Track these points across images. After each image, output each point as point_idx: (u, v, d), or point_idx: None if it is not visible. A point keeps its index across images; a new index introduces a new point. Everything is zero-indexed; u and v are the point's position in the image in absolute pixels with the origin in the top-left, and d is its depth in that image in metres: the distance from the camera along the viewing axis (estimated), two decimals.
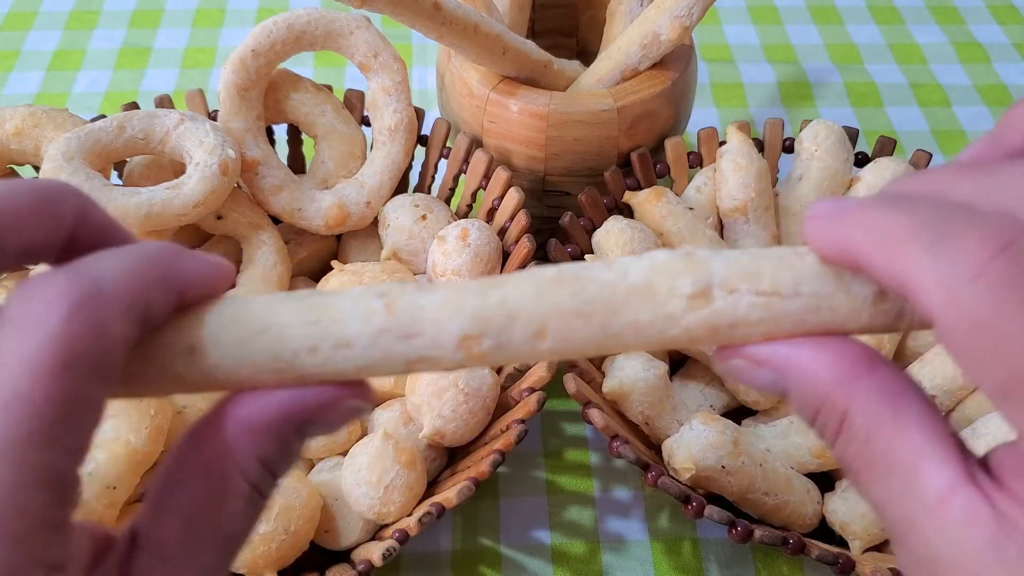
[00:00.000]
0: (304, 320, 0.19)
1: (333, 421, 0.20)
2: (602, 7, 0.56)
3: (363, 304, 0.19)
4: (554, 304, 0.19)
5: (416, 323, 0.19)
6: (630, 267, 0.19)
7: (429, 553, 0.45)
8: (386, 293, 0.19)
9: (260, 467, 0.19)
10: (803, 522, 0.42)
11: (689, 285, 0.19)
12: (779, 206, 0.52)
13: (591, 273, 0.19)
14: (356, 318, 0.19)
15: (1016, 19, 0.80)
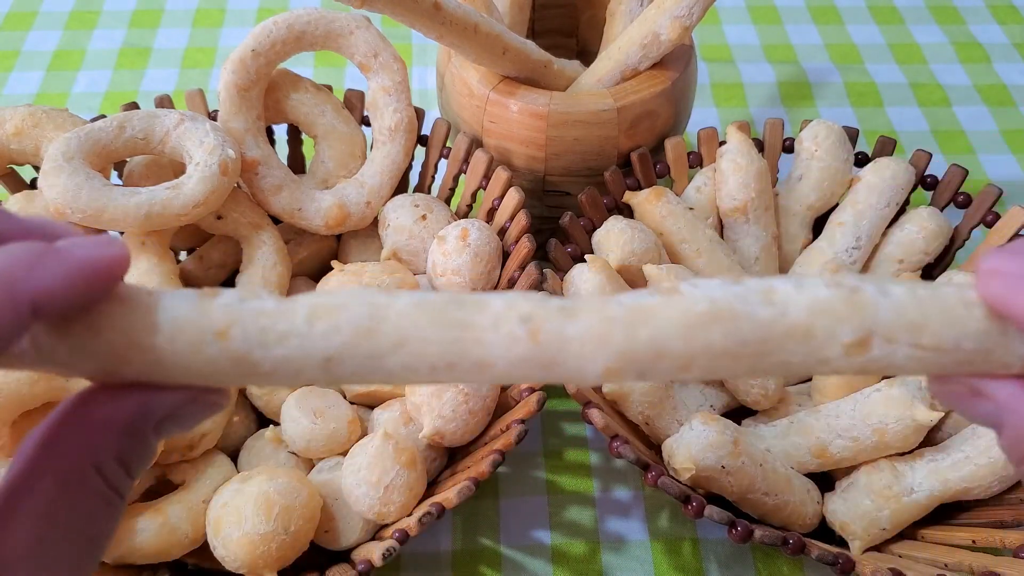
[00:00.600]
0: (444, 338, 0.18)
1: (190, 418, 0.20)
2: (602, 7, 0.56)
3: (506, 329, 0.18)
4: (706, 345, 0.18)
5: (560, 354, 0.18)
6: (790, 303, 0.18)
7: (429, 553, 0.45)
8: (530, 318, 0.18)
9: (118, 465, 0.19)
10: (803, 522, 0.42)
11: (850, 334, 0.18)
12: (779, 206, 0.52)
13: (748, 309, 0.18)
14: (498, 343, 0.18)
15: (1016, 19, 0.80)
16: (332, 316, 0.18)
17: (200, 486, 0.41)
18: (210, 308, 0.18)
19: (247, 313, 0.18)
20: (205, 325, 0.18)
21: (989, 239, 0.49)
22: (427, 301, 0.18)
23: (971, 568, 0.37)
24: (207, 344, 0.18)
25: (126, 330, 0.18)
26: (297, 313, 0.18)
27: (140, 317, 0.18)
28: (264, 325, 0.18)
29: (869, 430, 0.41)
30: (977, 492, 0.41)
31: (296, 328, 0.18)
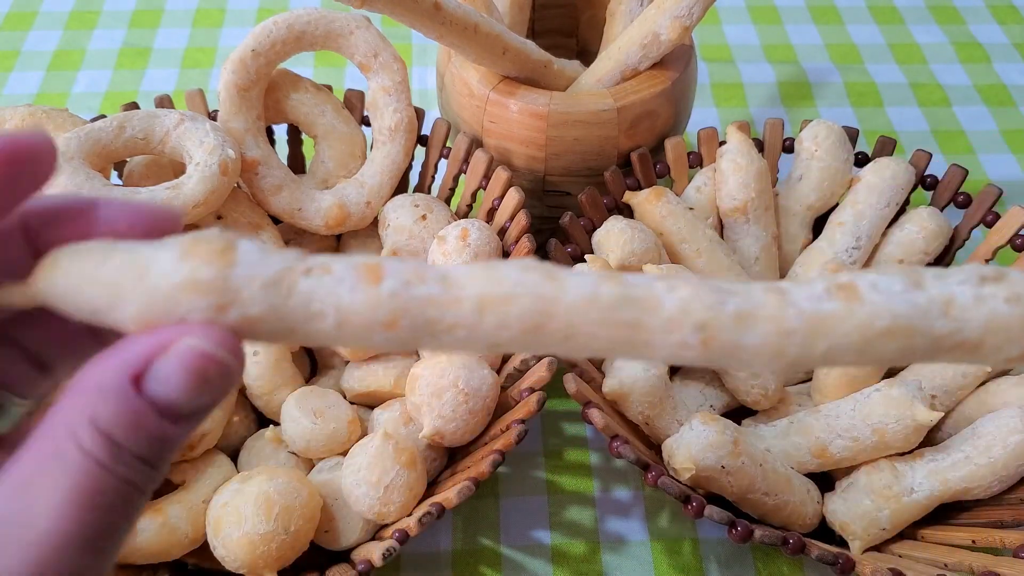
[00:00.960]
0: (612, 336, 0.17)
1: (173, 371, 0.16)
2: (602, 7, 0.56)
3: (678, 336, 0.17)
4: (877, 357, 0.17)
5: (728, 359, 0.18)
6: (967, 320, 0.17)
7: (429, 553, 0.45)
8: (705, 327, 0.17)
9: (95, 432, 0.16)
10: (803, 522, 0.42)
11: (1016, 351, 0.17)
12: (779, 206, 0.52)
13: (927, 324, 0.17)
14: (667, 347, 0.17)
15: (1016, 19, 0.80)
16: (501, 309, 0.17)
17: (200, 486, 0.41)
18: (378, 298, 0.17)
19: (414, 303, 0.17)
20: (373, 317, 0.17)
21: (989, 239, 0.49)
22: (599, 297, 0.18)
23: (971, 568, 0.37)
24: (375, 334, 0.17)
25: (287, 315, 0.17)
26: (464, 304, 0.17)
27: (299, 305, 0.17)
28: (432, 316, 0.17)
29: (869, 430, 0.41)
30: (977, 492, 0.41)
31: (464, 320, 0.17)
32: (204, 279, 0.16)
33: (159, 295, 0.16)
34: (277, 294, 0.17)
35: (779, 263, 0.52)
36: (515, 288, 0.18)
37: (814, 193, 0.51)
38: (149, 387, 0.16)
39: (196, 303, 0.16)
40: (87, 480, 0.16)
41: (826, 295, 0.18)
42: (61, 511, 0.16)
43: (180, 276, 0.16)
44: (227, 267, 0.17)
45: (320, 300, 0.17)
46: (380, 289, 0.17)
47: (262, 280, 0.17)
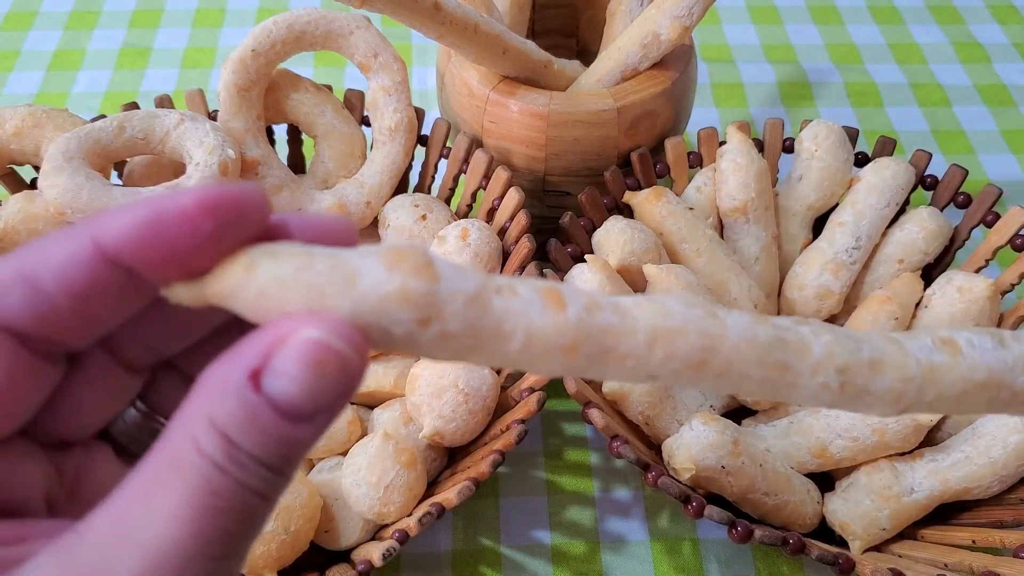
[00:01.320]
0: (762, 376, 0.18)
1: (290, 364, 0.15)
2: (602, 7, 0.56)
3: (821, 379, 0.18)
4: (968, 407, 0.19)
5: (854, 404, 0.19)
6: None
7: (429, 553, 0.45)
8: (845, 371, 0.18)
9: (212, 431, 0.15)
10: (803, 522, 0.42)
11: None
12: (779, 206, 0.52)
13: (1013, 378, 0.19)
14: (809, 389, 0.18)
15: (1016, 19, 0.80)
16: (670, 343, 0.18)
17: None
18: (565, 323, 0.17)
19: (596, 330, 0.17)
20: (556, 343, 0.17)
21: (989, 239, 0.49)
22: (756, 338, 0.18)
23: (971, 568, 0.37)
24: (553, 358, 0.17)
25: (480, 332, 0.17)
26: (638, 336, 0.18)
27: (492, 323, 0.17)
28: (608, 345, 0.18)
29: (869, 430, 0.41)
30: (977, 492, 0.41)
31: (636, 352, 0.18)
32: (414, 291, 0.16)
33: (368, 304, 0.16)
34: (475, 311, 0.17)
35: (779, 263, 0.52)
36: (685, 323, 0.18)
37: (814, 193, 0.51)
38: (267, 383, 0.15)
39: (403, 315, 0.16)
40: (203, 483, 0.15)
41: (934, 347, 0.19)
42: (177, 516, 0.15)
43: (391, 286, 0.16)
44: (433, 282, 0.16)
45: (512, 321, 0.17)
46: (567, 314, 0.17)
47: (465, 296, 0.17)
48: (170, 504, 0.15)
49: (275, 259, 0.16)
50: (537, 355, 0.17)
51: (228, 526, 0.15)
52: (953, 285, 0.46)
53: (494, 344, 0.17)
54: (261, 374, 0.15)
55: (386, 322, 0.16)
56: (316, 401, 0.15)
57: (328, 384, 0.15)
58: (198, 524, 0.15)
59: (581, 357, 0.17)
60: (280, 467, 0.16)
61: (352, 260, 0.16)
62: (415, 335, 0.16)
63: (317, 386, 0.15)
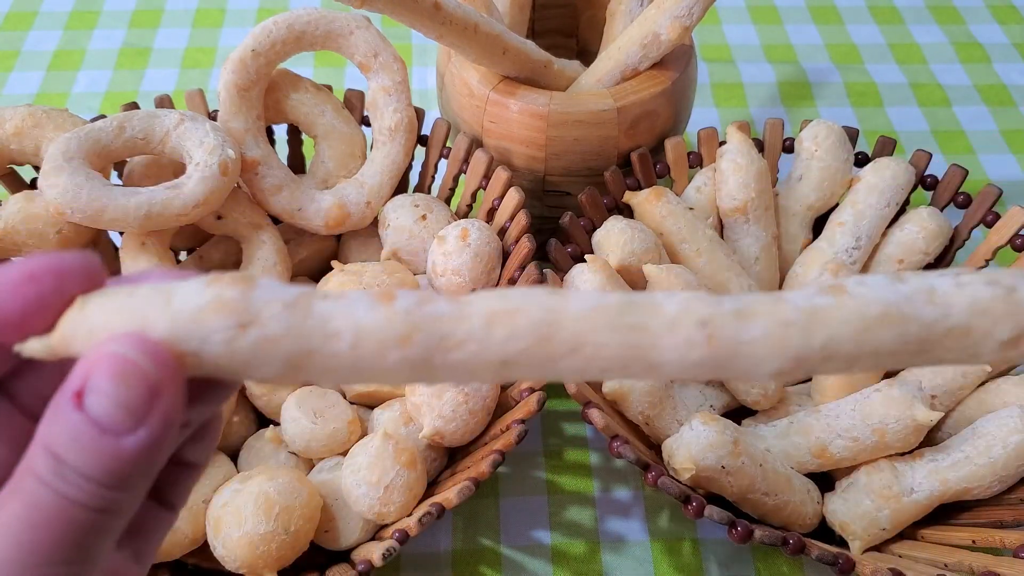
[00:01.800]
0: (620, 342, 0.18)
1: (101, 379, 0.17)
2: (602, 7, 0.56)
3: (684, 334, 0.18)
4: (875, 346, 0.18)
5: (733, 358, 0.18)
6: (951, 304, 0.18)
7: (429, 553, 0.45)
8: (708, 322, 0.18)
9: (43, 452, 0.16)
10: (803, 522, 0.42)
11: (1006, 333, 0.18)
12: (779, 206, 0.52)
13: (915, 310, 0.18)
14: (674, 347, 0.18)
15: (1016, 19, 0.80)
16: (510, 321, 0.18)
17: (200, 486, 0.41)
18: (393, 314, 0.18)
19: (427, 318, 0.18)
20: (388, 334, 0.18)
21: (989, 239, 0.49)
22: (603, 305, 0.18)
23: (971, 568, 0.37)
24: (390, 351, 0.18)
25: (306, 334, 0.17)
26: (474, 319, 0.18)
27: (317, 324, 0.18)
28: (444, 331, 0.18)
29: (869, 430, 0.41)
30: (977, 492, 0.41)
31: (475, 334, 0.18)
32: (228, 298, 0.17)
33: (184, 316, 0.17)
34: (296, 314, 0.17)
35: (779, 263, 0.52)
36: (522, 301, 0.18)
37: (814, 193, 0.51)
38: (87, 401, 0.16)
39: (219, 322, 0.17)
40: (29, 498, 0.16)
41: (818, 293, 0.19)
42: (5, 529, 0.16)
43: (205, 298, 0.17)
44: (249, 290, 0.17)
45: (338, 319, 0.17)
46: (394, 306, 0.18)
47: (282, 301, 0.17)
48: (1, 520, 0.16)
49: (103, 296, 0.17)
50: (371, 352, 0.17)
51: (55, 537, 0.16)
52: None
53: (324, 346, 0.17)
54: (83, 394, 0.16)
55: (205, 333, 0.17)
56: (131, 413, 0.16)
57: (136, 395, 0.16)
58: (22, 535, 0.16)
59: (418, 347, 0.17)
60: (111, 481, 0.16)
61: (174, 284, 0.17)
62: (235, 341, 0.17)
63: (125, 398, 0.16)
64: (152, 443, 0.17)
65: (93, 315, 0.17)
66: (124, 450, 0.16)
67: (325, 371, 0.18)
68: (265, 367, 0.17)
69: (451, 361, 0.18)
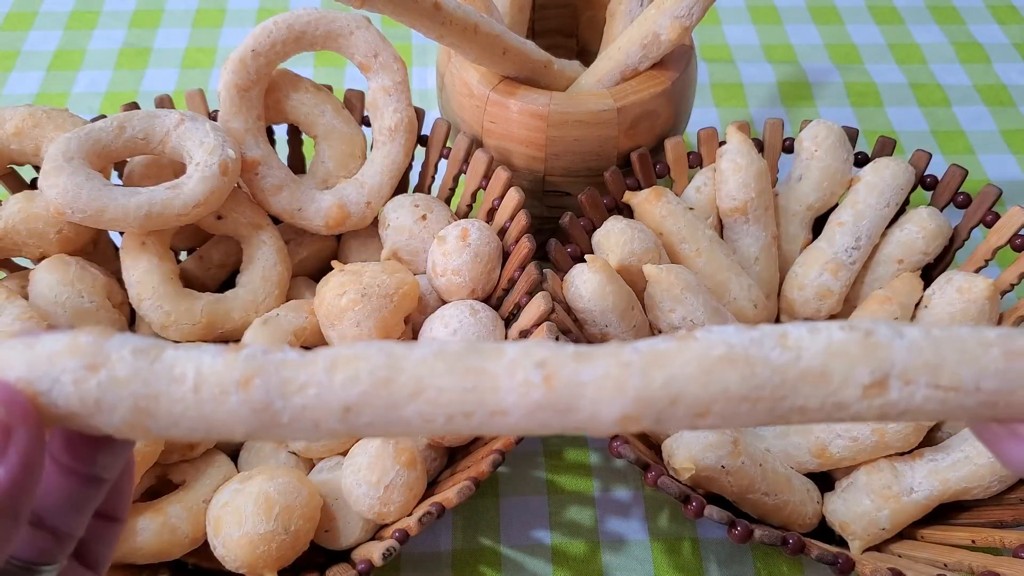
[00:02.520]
0: (460, 385, 0.18)
1: None
2: (602, 7, 0.56)
3: (521, 375, 0.18)
4: (722, 389, 0.18)
5: (575, 399, 0.18)
6: (804, 347, 0.18)
7: (429, 553, 0.45)
8: (545, 364, 0.18)
9: None
10: (803, 522, 0.42)
11: (867, 376, 0.18)
12: (779, 206, 0.52)
13: (763, 353, 0.18)
14: (514, 389, 0.18)
15: (1016, 19, 0.80)
16: (351, 366, 0.18)
17: (200, 486, 0.41)
18: (235, 360, 0.18)
19: (270, 363, 0.18)
20: (228, 377, 0.18)
21: (989, 239, 0.49)
22: (444, 350, 0.18)
23: (971, 568, 0.37)
24: (230, 395, 0.18)
25: (150, 378, 0.18)
26: (317, 363, 0.18)
27: (163, 369, 0.18)
28: (286, 376, 0.18)
29: (869, 430, 0.41)
30: (977, 492, 0.41)
31: (316, 378, 0.18)
32: (82, 343, 0.18)
33: (40, 358, 0.18)
34: (145, 358, 0.18)
35: (779, 263, 0.52)
36: (368, 350, 0.19)
37: (814, 193, 0.51)
38: None
39: (70, 363, 0.18)
40: None
41: (663, 340, 0.19)
42: None
43: (63, 343, 0.18)
44: (105, 338, 0.18)
45: (182, 364, 0.18)
46: (239, 354, 0.19)
47: (132, 347, 0.18)
48: None
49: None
50: (212, 395, 0.18)
51: None
52: (953, 285, 0.46)
53: (169, 389, 0.18)
54: None
55: (56, 373, 0.18)
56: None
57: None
58: None
59: (258, 390, 0.18)
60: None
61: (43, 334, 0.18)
62: (84, 382, 0.18)
63: None
64: (13, 478, 0.17)
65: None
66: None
67: (171, 417, 0.18)
68: (114, 411, 0.18)
69: (292, 406, 0.18)
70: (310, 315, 0.46)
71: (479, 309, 0.46)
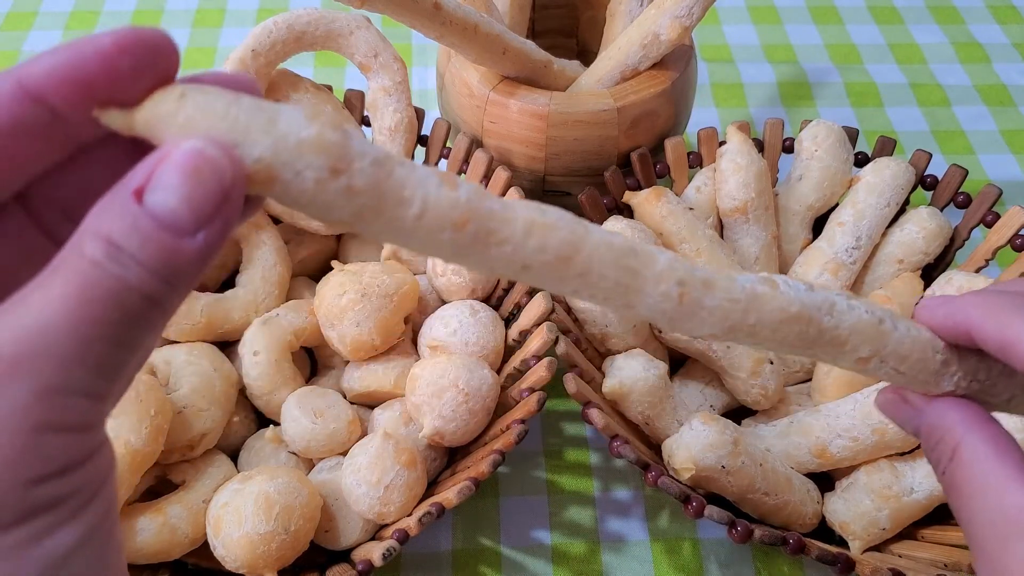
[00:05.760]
0: (616, 279, 0.21)
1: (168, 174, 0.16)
2: (602, 7, 0.56)
3: (664, 287, 0.21)
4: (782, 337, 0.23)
5: (690, 317, 0.22)
6: (842, 319, 0.23)
7: (429, 553, 0.45)
8: (684, 283, 0.22)
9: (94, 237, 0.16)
10: (803, 522, 0.42)
11: (865, 352, 0.24)
12: (779, 206, 0.52)
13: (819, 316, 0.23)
14: (653, 297, 0.21)
15: (1016, 19, 0.80)
16: (544, 235, 0.20)
17: (200, 486, 0.41)
18: (456, 199, 0.19)
19: (483, 211, 0.19)
20: (449, 215, 0.19)
21: (989, 239, 0.49)
22: (613, 243, 0.21)
23: (971, 568, 0.37)
24: (444, 232, 0.19)
25: (383, 194, 0.19)
26: (517, 223, 0.20)
27: (394, 187, 0.19)
28: (491, 227, 0.20)
29: (869, 430, 0.41)
30: None
31: (514, 237, 0.20)
32: (330, 140, 0.18)
33: (286, 144, 0.17)
34: (380, 172, 0.18)
35: (779, 263, 0.52)
36: (557, 221, 0.20)
37: (814, 193, 0.51)
38: (148, 197, 0.16)
39: (316, 160, 0.17)
40: (80, 277, 0.16)
41: (758, 281, 0.23)
42: (50, 304, 0.16)
43: (310, 132, 0.17)
44: (348, 137, 0.18)
45: (411, 188, 0.19)
46: (459, 192, 0.19)
47: (373, 157, 0.18)
48: (46, 295, 0.16)
49: (205, 94, 0.17)
50: (431, 226, 0.19)
51: (105, 315, 0.16)
52: (953, 285, 0.46)
53: (394, 209, 0.19)
54: (144, 190, 0.16)
55: (301, 167, 0.17)
56: (194, 209, 0.16)
57: (205, 191, 0.16)
58: (77, 309, 0.16)
59: (468, 235, 0.19)
60: (165, 275, 0.16)
61: (277, 107, 0.18)
62: (324, 183, 0.18)
63: (193, 193, 0.16)
64: (210, 247, 0.17)
65: (193, 110, 0.17)
66: (183, 249, 0.16)
67: (387, 230, 0.19)
68: (339, 211, 0.18)
69: (488, 255, 0.20)
70: (310, 315, 0.46)
71: (479, 309, 0.46)
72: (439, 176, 0.19)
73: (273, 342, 0.44)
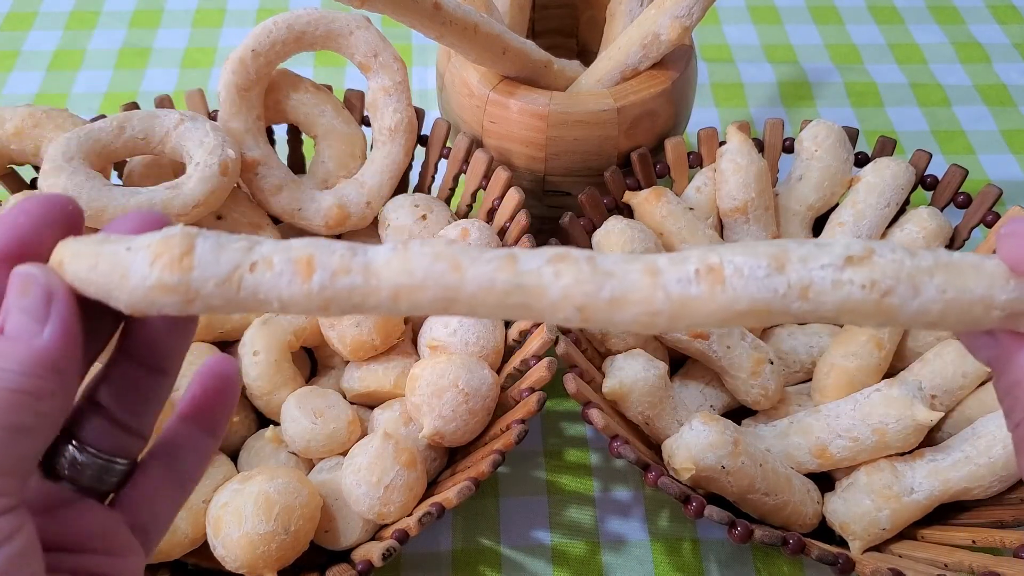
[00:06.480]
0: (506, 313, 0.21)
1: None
2: (602, 7, 0.56)
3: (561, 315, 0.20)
4: (737, 324, 0.21)
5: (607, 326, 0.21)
6: (824, 303, 0.20)
7: (429, 553, 0.45)
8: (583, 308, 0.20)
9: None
10: (803, 522, 0.42)
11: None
12: (779, 206, 0.52)
13: (784, 305, 0.20)
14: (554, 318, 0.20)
15: (1016, 19, 0.80)
16: (412, 297, 0.20)
17: (200, 486, 0.41)
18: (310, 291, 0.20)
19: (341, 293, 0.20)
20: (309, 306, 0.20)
21: (989, 239, 0.49)
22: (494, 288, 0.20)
23: (971, 568, 0.37)
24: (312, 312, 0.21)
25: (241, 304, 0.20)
26: (382, 292, 0.20)
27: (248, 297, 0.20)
28: (355, 302, 0.20)
29: (869, 430, 0.41)
30: (977, 492, 0.41)
31: (382, 305, 0.20)
32: (169, 283, 0.20)
33: (139, 294, 0.20)
34: (229, 290, 0.20)
35: None
36: (425, 280, 0.20)
37: (814, 193, 0.51)
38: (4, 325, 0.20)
39: (168, 299, 0.20)
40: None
41: (694, 278, 0.20)
42: None
43: (151, 281, 0.20)
44: (186, 273, 0.20)
45: (265, 292, 0.20)
46: (311, 284, 0.20)
47: (215, 280, 0.20)
48: None
49: (75, 258, 0.21)
50: (299, 311, 0.21)
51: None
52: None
53: (260, 307, 0.20)
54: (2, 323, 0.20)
55: (159, 304, 0.20)
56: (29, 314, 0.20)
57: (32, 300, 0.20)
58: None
59: (335, 310, 0.21)
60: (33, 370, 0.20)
61: (126, 258, 0.20)
62: (187, 307, 0.20)
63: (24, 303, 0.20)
64: (58, 339, 0.20)
65: (71, 276, 0.20)
66: (35, 346, 0.20)
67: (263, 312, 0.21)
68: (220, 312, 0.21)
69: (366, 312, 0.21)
70: None
71: None
72: (294, 267, 0.20)
73: (273, 342, 0.44)
